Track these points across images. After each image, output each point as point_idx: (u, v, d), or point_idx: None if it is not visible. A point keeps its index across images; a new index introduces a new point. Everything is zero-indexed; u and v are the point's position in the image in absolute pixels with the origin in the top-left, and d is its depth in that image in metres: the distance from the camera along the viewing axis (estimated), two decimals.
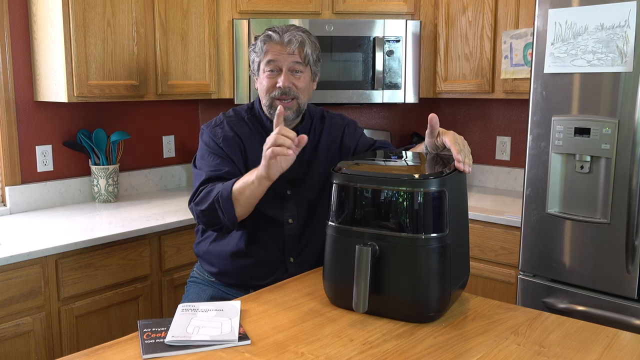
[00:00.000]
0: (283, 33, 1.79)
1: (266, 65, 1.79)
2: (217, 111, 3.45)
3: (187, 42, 2.90)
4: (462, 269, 1.50)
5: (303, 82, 1.82)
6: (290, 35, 1.78)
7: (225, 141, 1.83)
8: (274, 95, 1.79)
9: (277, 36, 1.78)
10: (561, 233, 2.22)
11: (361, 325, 1.37)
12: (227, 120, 1.89)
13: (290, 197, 1.85)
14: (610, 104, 2.06)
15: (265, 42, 1.80)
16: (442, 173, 1.39)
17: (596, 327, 1.38)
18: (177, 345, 1.25)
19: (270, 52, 1.79)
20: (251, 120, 1.89)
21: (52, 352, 2.18)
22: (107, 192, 2.89)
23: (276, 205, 1.83)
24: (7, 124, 2.65)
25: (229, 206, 1.67)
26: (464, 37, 2.97)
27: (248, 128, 1.87)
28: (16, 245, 2.14)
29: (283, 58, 1.78)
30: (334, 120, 1.98)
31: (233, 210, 1.68)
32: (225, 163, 1.81)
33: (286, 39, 1.78)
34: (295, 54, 1.78)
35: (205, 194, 1.73)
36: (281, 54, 1.78)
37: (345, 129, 1.98)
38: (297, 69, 1.80)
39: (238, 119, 1.89)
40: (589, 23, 2.09)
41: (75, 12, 2.47)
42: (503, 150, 3.27)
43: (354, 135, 1.97)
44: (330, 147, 1.92)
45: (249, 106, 1.93)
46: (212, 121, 1.91)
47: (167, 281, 2.56)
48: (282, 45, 1.78)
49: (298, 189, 1.86)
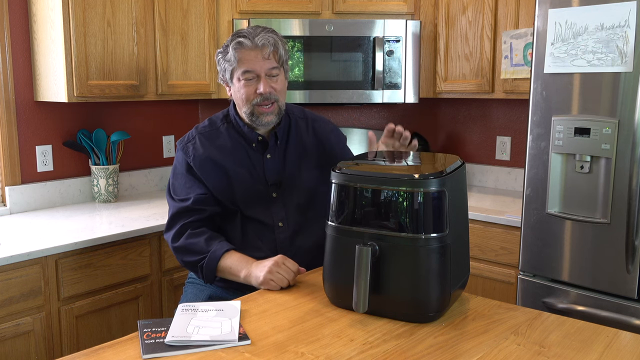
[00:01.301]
0: (254, 37, 1.74)
1: (242, 74, 1.76)
2: (216, 111, 3.43)
3: (187, 42, 2.90)
4: (462, 269, 1.50)
5: (280, 83, 1.81)
6: (262, 38, 1.74)
7: (195, 161, 1.82)
8: (256, 102, 1.77)
9: (249, 42, 1.74)
10: (561, 233, 2.22)
11: (361, 325, 1.37)
12: (199, 135, 1.86)
13: (276, 200, 1.85)
14: (610, 104, 2.06)
15: (237, 49, 1.75)
16: (442, 173, 1.39)
17: (596, 327, 1.38)
18: (177, 345, 1.25)
19: (245, 60, 1.75)
20: (228, 130, 1.87)
21: (52, 352, 2.18)
22: (107, 192, 2.89)
23: (263, 209, 1.84)
24: (7, 124, 2.65)
25: (210, 274, 1.74)
26: (464, 37, 2.97)
27: (225, 138, 1.86)
28: (16, 245, 2.14)
29: (260, 65, 1.75)
30: (318, 123, 1.97)
31: (214, 277, 1.76)
32: (192, 188, 1.81)
33: (259, 42, 1.74)
34: (270, 58, 1.76)
35: (187, 245, 1.76)
36: (256, 59, 1.74)
37: (332, 134, 1.98)
38: (274, 73, 1.78)
39: (213, 129, 1.88)
40: (589, 23, 2.09)
41: (75, 12, 2.47)
42: (503, 150, 3.27)
43: (339, 143, 1.99)
44: (317, 149, 1.92)
45: (225, 114, 1.91)
46: (185, 137, 1.89)
47: (167, 281, 2.56)
48: (256, 49, 1.74)
49: (284, 192, 1.86)
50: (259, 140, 1.85)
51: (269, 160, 1.86)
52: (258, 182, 1.84)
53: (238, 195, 1.82)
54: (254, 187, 1.83)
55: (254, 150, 1.86)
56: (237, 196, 1.82)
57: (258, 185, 1.84)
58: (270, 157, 1.86)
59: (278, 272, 1.61)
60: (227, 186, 1.82)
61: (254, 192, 1.83)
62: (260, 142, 1.86)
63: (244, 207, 1.83)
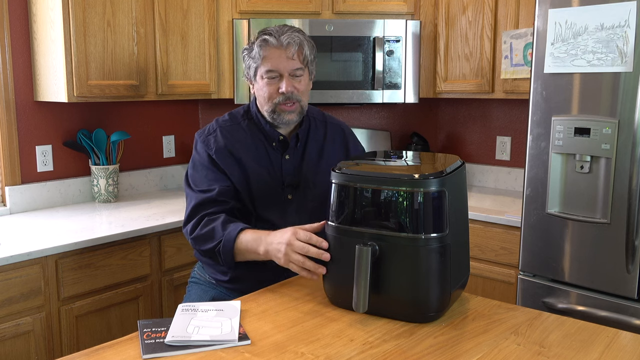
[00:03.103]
0: (280, 35, 1.73)
1: (265, 72, 1.75)
2: (217, 111, 3.45)
3: (187, 42, 2.90)
4: (462, 269, 1.50)
5: (303, 84, 1.79)
6: (288, 37, 1.73)
7: (218, 153, 1.79)
8: (278, 101, 1.76)
9: (274, 40, 1.73)
10: (561, 233, 2.22)
11: (361, 325, 1.37)
12: (220, 128, 1.84)
13: (291, 202, 1.83)
14: (610, 104, 2.06)
15: (262, 46, 1.74)
16: (442, 173, 1.39)
17: (596, 327, 1.38)
18: (177, 345, 1.25)
19: (269, 59, 1.74)
20: (249, 126, 1.85)
21: (52, 352, 2.18)
22: (107, 192, 2.89)
23: (277, 212, 1.81)
24: (7, 124, 2.65)
25: (229, 257, 1.67)
26: (464, 37, 2.97)
27: (245, 134, 1.84)
28: (16, 245, 2.14)
29: (283, 65, 1.74)
30: (336, 127, 1.96)
31: (233, 260, 1.68)
32: (216, 179, 1.78)
33: (284, 41, 1.73)
34: (295, 58, 1.74)
35: (204, 233, 1.70)
36: (280, 59, 1.73)
37: (349, 138, 1.97)
38: (298, 73, 1.76)
39: (234, 123, 1.85)
40: (589, 23, 2.09)
41: (75, 12, 2.47)
42: (503, 150, 3.27)
43: (355, 149, 1.97)
44: (335, 154, 1.90)
45: (245, 109, 1.89)
46: (205, 129, 1.86)
47: (167, 281, 2.56)
48: (280, 49, 1.73)
49: (300, 194, 1.84)
50: (279, 140, 1.83)
51: (287, 160, 1.84)
52: (275, 181, 1.82)
53: (254, 193, 1.79)
54: (270, 187, 1.81)
55: (274, 149, 1.84)
56: (253, 194, 1.79)
57: (274, 185, 1.82)
58: (289, 158, 1.84)
59: (292, 252, 1.51)
60: (245, 182, 1.79)
61: (270, 191, 1.81)
62: (281, 142, 1.84)
63: (259, 206, 1.80)
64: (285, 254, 1.53)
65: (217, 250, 1.68)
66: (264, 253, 1.60)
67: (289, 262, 1.53)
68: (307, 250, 1.49)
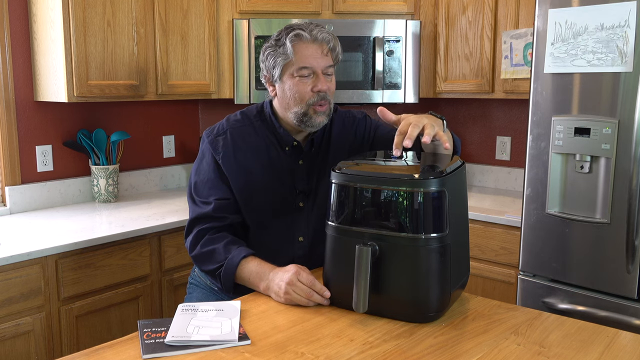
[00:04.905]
0: (311, 31, 1.61)
1: (298, 70, 1.61)
2: (216, 111, 3.45)
3: (187, 42, 2.90)
4: (462, 269, 1.50)
5: (333, 84, 1.68)
6: (320, 33, 1.61)
7: (225, 158, 1.70)
8: (313, 101, 1.63)
9: (308, 35, 1.60)
10: (561, 233, 2.22)
11: (361, 325, 1.37)
12: (231, 129, 1.73)
13: (302, 210, 1.74)
14: (610, 104, 2.06)
15: (294, 42, 1.60)
16: (442, 173, 1.39)
17: (596, 327, 1.38)
18: (177, 345, 1.25)
19: (303, 56, 1.61)
20: (262, 128, 1.73)
21: (52, 352, 2.18)
22: (107, 192, 2.89)
23: (285, 220, 1.73)
24: (7, 124, 2.65)
25: (229, 283, 1.61)
26: (464, 37, 2.97)
27: (257, 136, 1.72)
28: (16, 245, 2.14)
29: (318, 62, 1.62)
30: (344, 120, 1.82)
31: (232, 285, 1.62)
32: (217, 189, 1.69)
33: (319, 36, 1.61)
34: (328, 55, 1.63)
35: (205, 253, 1.64)
36: (315, 55, 1.61)
37: (357, 128, 1.82)
38: (329, 71, 1.65)
39: (246, 124, 1.74)
40: (589, 23, 2.09)
41: (75, 12, 2.47)
42: (503, 150, 3.27)
43: (366, 130, 1.82)
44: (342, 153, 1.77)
45: (259, 109, 1.77)
46: (214, 128, 1.76)
47: (167, 281, 2.56)
48: (314, 44, 1.61)
49: (312, 201, 1.74)
50: (293, 145, 1.73)
51: (300, 166, 1.74)
52: (286, 189, 1.72)
53: (262, 200, 1.70)
54: (280, 194, 1.72)
55: (287, 154, 1.73)
56: (260, 202, 1.70)
57: (285, 193, 1.72)
58: (302, 164, 1.74)
59: (294, 292, 1.48)
60: (251, 189, 1.70)
61: (280, 199, 1.72)
62: (295, 147, 1.73)
63: (266, 215, 1.71)
64: (286, 292, 1.48)
65: (217, 273, 1.63)
66: (264, 289, 1.56)
67: (290, 301, 1.49)
68: (310, 295, 1.47)
